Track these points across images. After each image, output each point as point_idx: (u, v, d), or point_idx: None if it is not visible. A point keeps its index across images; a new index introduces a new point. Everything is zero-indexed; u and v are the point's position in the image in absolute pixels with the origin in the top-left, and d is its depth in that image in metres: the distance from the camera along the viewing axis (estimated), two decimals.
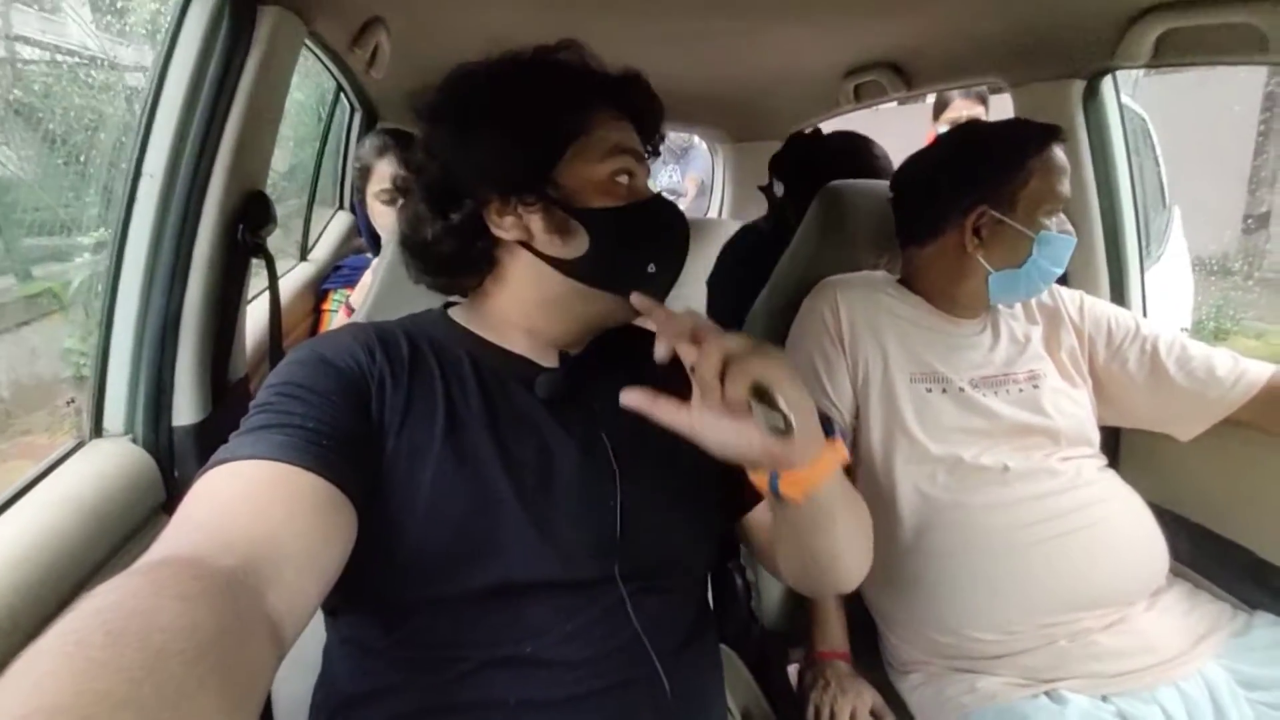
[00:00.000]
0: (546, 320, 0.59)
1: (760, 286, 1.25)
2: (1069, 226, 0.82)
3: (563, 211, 0.55)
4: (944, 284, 0.88)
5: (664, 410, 0.47)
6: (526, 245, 0.56)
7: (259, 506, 0.40)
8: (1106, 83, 1.09)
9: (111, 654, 0.26)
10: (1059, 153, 0.82)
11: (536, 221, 0.55)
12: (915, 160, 0.92)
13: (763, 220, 1.48)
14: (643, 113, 0.60)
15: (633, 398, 0.47)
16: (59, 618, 0.28)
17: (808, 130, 1.50)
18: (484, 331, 0.59)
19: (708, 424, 0.45)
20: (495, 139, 0.54)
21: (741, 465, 0.50)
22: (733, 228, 1.82)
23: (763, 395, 0.43)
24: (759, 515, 0.63)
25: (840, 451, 0.50)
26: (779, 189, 1.41)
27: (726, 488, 0.60)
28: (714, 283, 1.45)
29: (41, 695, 0.24)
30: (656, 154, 0.62)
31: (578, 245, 0.55)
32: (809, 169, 1.33)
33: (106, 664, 0.25)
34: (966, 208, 0.83)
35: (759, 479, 0.51)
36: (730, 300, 1.36)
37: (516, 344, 0.59)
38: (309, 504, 0.42)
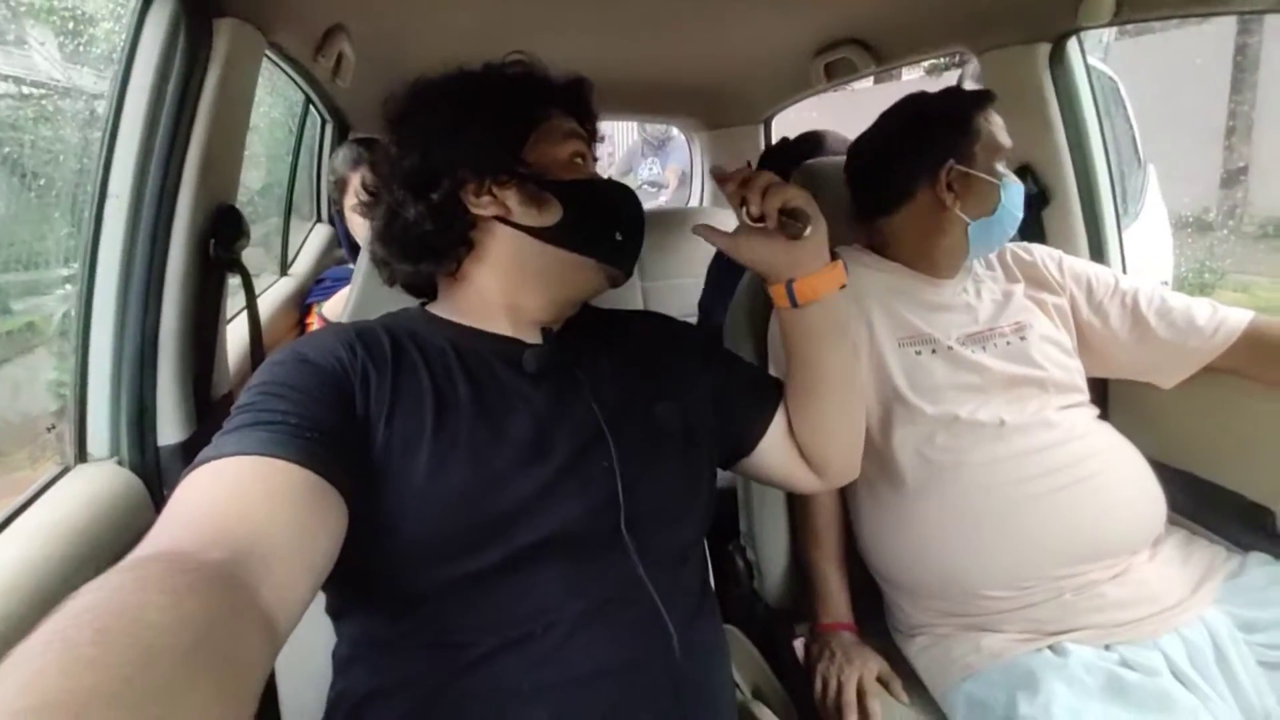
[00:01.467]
0: (528, 293, 0.61)
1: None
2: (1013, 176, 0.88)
3: (535, 185, 0.59)
4: (922, 245, 0.89)
5: (717, 235, 0.66)
6: (504, 220, 0.59)
7: (245, 501, 0.40)
8: (1073, 45, 1.10)
9: (101, 651, 0.25)
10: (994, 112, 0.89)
11: (512, 196, 0.59)
12: (868, 136, 0.94)
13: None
14: (585, 112, 0.66)
15: (701, 229, 0.67)
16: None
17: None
18: (464, 319, 0.62)
19: (745, 243, 0.64)
20: (469, 127, 0.59)
21: (766, 278, 0.65)
22: (715, 215, 1.83)
23: (790, 213, 0.60)
24: (770, 442, 0.70)
25: (840, 271, 0.64)
26: None
27: (727, 435, 0.68)
28: (711, 284, 1.54)
29: (31, 694, 0.24)
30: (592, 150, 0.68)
31: (552, 214, 0.60)
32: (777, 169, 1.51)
33: (96, 661, 0.25)
34: (935, 165, 0.86)
35: (778, 290, 0.64)
36: (726, 291, 1.44)
37: (498, 325, 0.61)
38: (296, 497, 0.42)
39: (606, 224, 0.62)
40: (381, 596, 0.52)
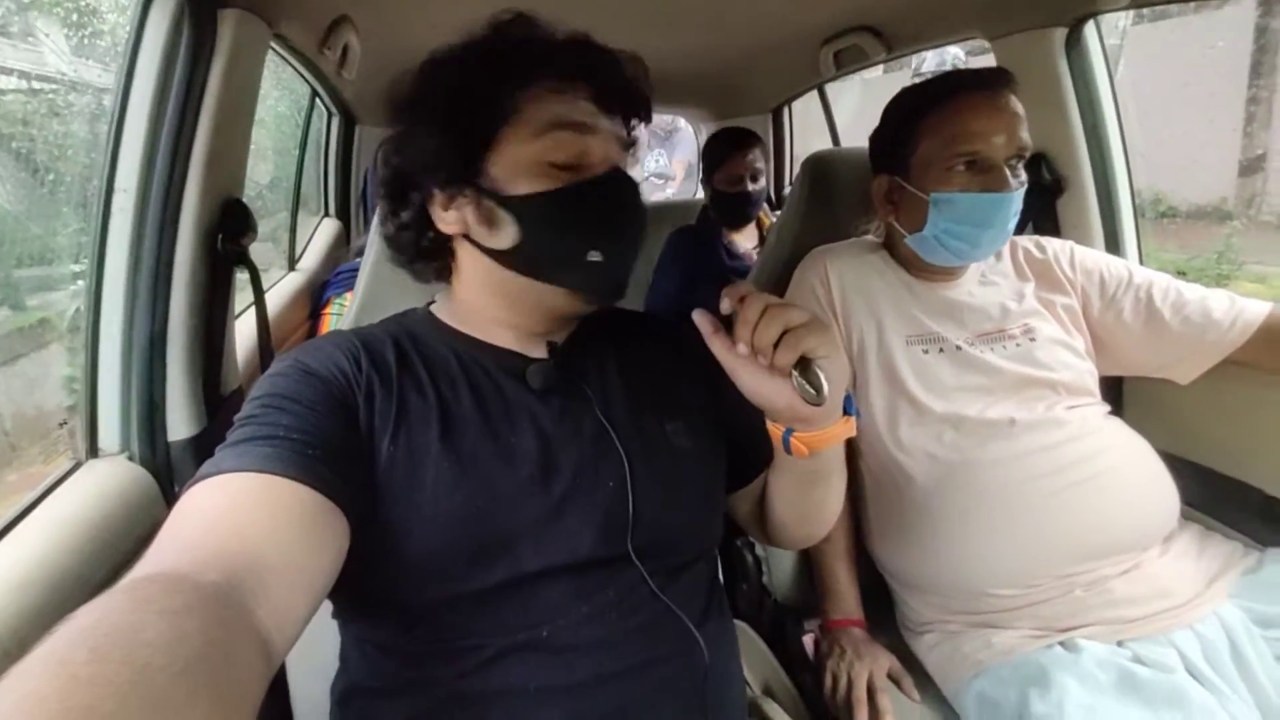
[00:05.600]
0: (507, 312, 0.58)
1: (690, 271, 1.54)
2: (1014, 179, 0.78)
3: (490, 201, 0.53)
4: (896, 249, 0.90)
5: (718, 343, 0.51)
6: (467, 237, 0.56)
7: (244, 520, 0.40)
8: (1090, 29, 1.07)
9: (96, 670, 0.25)
10: (974, 104, 0.78)
11: (470, 213, 0.55)
12: None
13: (696, 220, 1.67)
14: (599, 73, 0.55)
15: (703, 321, 0.51)
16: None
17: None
18: (466, 328, 0.59)
19: (746, 371, 0.50)
20: (425, 133, 0.54)
21: (765, 418, 0.54)
22: None
23: (805, 365, 0.47)
24: (751, 487, 0.67)
25: (851, 428, 0.53)
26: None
27: (729, 463, 0.63)
28: (655, 277, 1.64)
29: (25, 714, 0.23)
30: (628, 116, 0.58)
31: (508, 235, 0.54)
32: (706, 167, 1.62)
33: (92, 680, 0.25)
34: (875, 176, 0.88)
35: (775, 429, 0.54)
36: (665, 289, 1.56)
37: (500, 337, 0.58)
38: (295, 515, 0.42)
39: (576, 243, 0.54)
40: (385, 608, 0.51)
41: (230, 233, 0.85)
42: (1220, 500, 0.87)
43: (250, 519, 0.40)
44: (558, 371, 0.56)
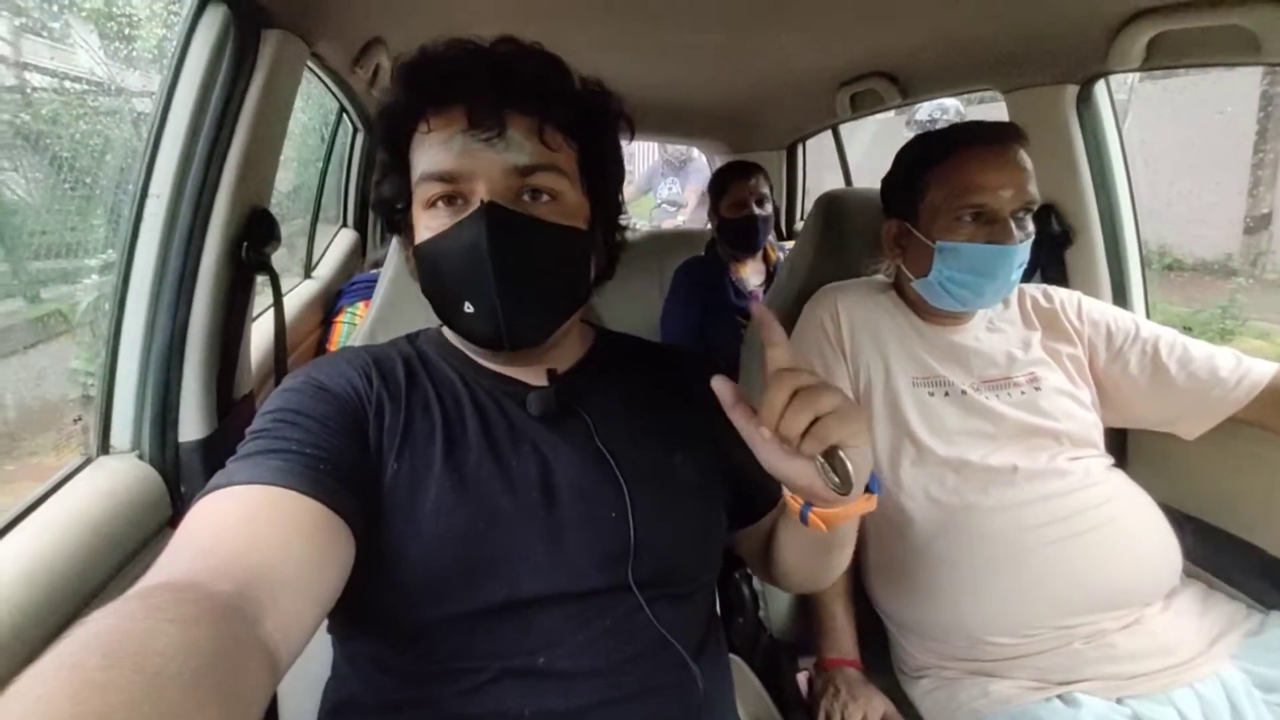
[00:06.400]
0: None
1: (702, 304, 1.59)
2: (1019, 232, 0.79)
3: (411, 250, 0.57)
4: (905, 291, 0.91)
5: (738, 415, 0.47)
6: None
7: (255, 532, 0.40)
8: (1100, 87, 1.10)
9: (109, 676, 0.26)
10: (983, 157, 0.79)
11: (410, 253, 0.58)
12: None
13: (705, 252, 1.72)
14: (467, 96, 0.50)
15: (723, 390, 0.47)
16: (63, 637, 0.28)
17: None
18: (471, 350, 0.59)
19: (768, 449, 0.47)
20: (381, 170, 0.57)
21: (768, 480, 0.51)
22: None
23: (830, 452, 0.44)
24: (757, 526, 0.66)
25: (871, 504, 0.51)
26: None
27: (734, 500, 0.62)
28: (668, 305, 1.70)
29: (40, 717, 0.24)
30: (530, 119, 0.51)
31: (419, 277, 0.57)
32: (713, 197, 1.67)
33: (104, 686, 0.25)
34: (885, 219, 0.90)
35: (793, 501, 0.52)
36: (679, 320, 1.64)
37: (500, 363, 0.59)
38: (306, 529, 0.42)
39: (450, 295, 0.53)
40: (382, 625, 0.51)
41: (255, 241, 0.86)
42: (1224, 559, 0.87)
43: (262, 531, 0.40)
44: (558, 398, 0.56)
